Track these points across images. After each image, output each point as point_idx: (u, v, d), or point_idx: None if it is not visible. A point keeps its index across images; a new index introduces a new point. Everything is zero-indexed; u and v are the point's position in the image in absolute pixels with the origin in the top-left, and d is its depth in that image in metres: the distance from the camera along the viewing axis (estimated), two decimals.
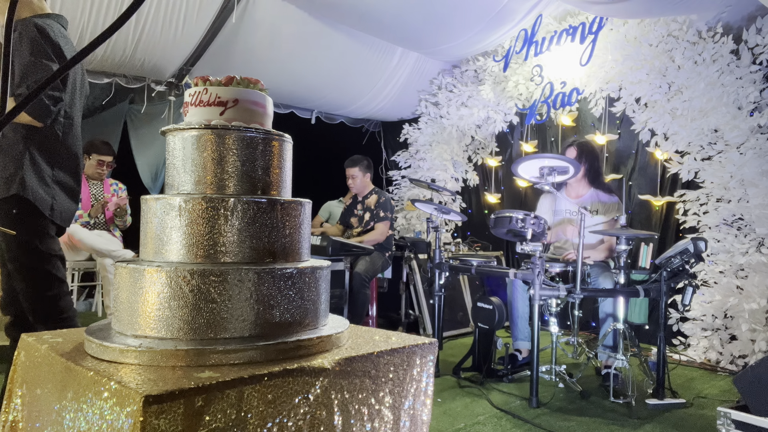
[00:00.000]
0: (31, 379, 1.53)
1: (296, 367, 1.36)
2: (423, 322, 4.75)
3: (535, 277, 3.03)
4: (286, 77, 5.31)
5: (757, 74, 3.89)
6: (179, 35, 4.56)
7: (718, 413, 2.41)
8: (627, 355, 3.10)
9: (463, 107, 5.81)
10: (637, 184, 4.81)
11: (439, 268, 3.65)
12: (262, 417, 1.28)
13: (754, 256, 3.75)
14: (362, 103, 6.21)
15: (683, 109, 4.16)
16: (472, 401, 3.05)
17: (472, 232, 6.02)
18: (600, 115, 4.92)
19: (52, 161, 2.19)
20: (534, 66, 5.26)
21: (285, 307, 1.50)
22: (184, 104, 1.65)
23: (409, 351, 1.64)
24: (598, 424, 2.76)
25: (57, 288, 2.21)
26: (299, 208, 1.63)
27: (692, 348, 4.05)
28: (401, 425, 1.61)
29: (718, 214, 3.98)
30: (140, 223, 1.61)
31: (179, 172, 1.58)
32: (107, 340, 1.41)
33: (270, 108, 1.70)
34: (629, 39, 4.53)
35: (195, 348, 1.35)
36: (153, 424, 1.11)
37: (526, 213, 3.17)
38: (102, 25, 4.02)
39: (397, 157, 6.45)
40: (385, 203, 4.40)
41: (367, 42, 5.37)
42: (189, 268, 1.41)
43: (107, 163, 4.57)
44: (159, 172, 5.52)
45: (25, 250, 2.15)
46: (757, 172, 3.78)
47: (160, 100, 5.24)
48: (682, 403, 3.06)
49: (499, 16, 4.97)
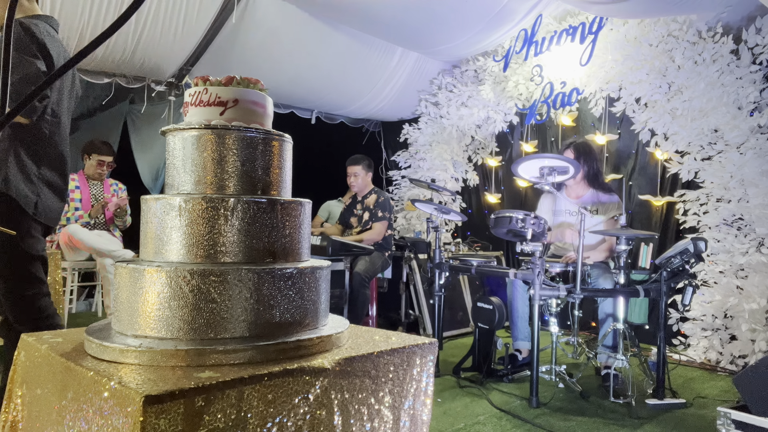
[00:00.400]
0: (31, 379, 1.53)
1: (296, 367, 1.36)
2: (423, 322, 4.75)
3: (535, 277, 3.03)
4: (286, 77, 5.31)
5: (757, 74, 3.89)
6: (179, 35, 4.56)
7: (718, 413, 2.40)
8: (627, 355, 3.10)
9: (463, 107, 5.81)
10: (637, 184, 4.81)
11: (439, 268, 3.65)
12: (262, 417, 1.28)
13: (754, 256, 3.75)
14: (362, 103, 6.21)
15: (683, 109, 4.16)
16: (472, 401, 3.05)
17: (472, 232, 6.02)
18: (600, 115, 4.93)
19: (38, 159, 2.18)
20: (534, 66, 5.26)
21: (285, 307, 1.50)
22: (184, 104, 1.65)
23: (409, 351, 1.64)
24: (598, 424, 2.76)
25: (36, 288, 2.20)
26: (299, 208, 1.63)
27: (692, 348, 4.05)
28: (401, 425, 1.61)
29: (718, 214, 3.98)
30: (140, 223, 1.61)
31: (179, 172, 1.58)
32: (107, 340, 1.41)
33: (270, 108, 1.70)
34: (629, 39, 4.54)
35: (195, 348, 1.35)
36: (153, 424, 1.11)
37: (526, 213, 3.17)
38: (102, 25, 4.02)
39: (397, 157, 6.45)
40: (384, 203, 4.41)
41: (367, 42, 5.37)
42: (189, 268, 1.41)
43: (107, 163, 4.58)
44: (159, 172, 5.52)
45: (6, 248, 2.13)
46: (757, 172, 3.78)
47: (160, 100, 5.24)
48: (682, 403, 3.06)
49: (499, 16, 4.97)
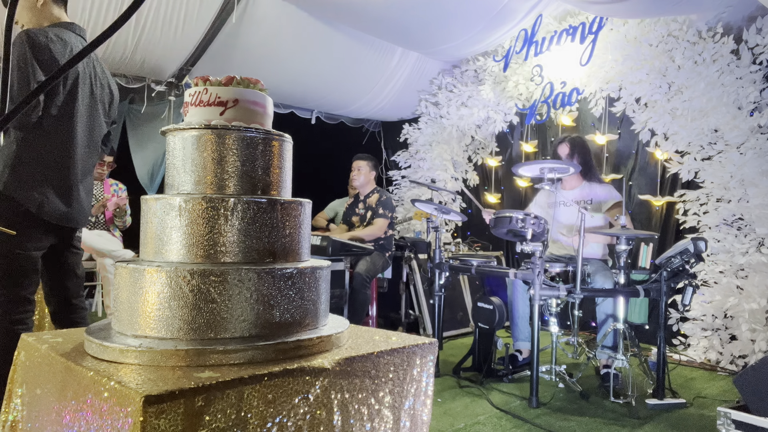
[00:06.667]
0: (31, 379, 1.53)
1: (296, 367, 1.36)
2: (423, 322, 4.75)
3: (535, 277, 3.03)
4: (286, 77, 5.31)
5: (757, 74, 3.89)
6: (179, 35, 4.56)
7: (718, 413, 2.40)
8: (627, 355, 3.10)
9: (463, 107, 5.81)
10: (637, 184, 4.81)
11: (439, 268, 3.65)
12: (262, 417, 1.28)
13: (754, 256, 3.75)
14: (362, 103, 6.21)
15: (683, 109, 4.16)
16: (472, 401, 3.05)
17: (472, 232, 6.02)
18: (600, 115, 4.93)
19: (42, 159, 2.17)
20: (534, 66, 5.26)
21: (285, 307, 1.50)
22: (184, 104, 1.65)
23: (409, 351, 1.64)
24: (598, 424, 2.76)
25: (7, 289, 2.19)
26: (299, 208, 1.63)
27: (692, 348, 4.05)
28: (401, 425, 1.61)
29: (718, 214, 3.98)
30: (140, 223, 1.61)
31: (179, 172, 1.58)
32: (107, 340, 1.41)
33: (270, 108, 1.70)
34: (629, 39, 4.53)
35: (195, 348, 1.35)
36: (153, 424, 1.11)
37: (526, 213, 3.17)
38: (102, 25, 4.02)
39: (397, 157, 6.45)
40: (387, 202, 4.41)
41: (367, 42, 5.37)
42: (189, 268, 1.41)
43: (107, 163, 4.58)
44: (156, 171, 5.51)
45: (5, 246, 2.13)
46: (757, 172, 3.78)
47: (160, 100, 5.24)
48: (682, 403, 3.06)
49: (499, 16, 4.97)
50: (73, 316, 2.41)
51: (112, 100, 2.51)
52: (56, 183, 2.22)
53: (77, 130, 2.27)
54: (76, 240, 2.42)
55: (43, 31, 2.11)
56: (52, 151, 2.20)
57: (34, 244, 2.21)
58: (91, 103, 2.35)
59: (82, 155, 2.32)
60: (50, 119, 2.17)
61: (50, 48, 2.08)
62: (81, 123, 2.29)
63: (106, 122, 2.48)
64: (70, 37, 2.21)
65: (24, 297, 2.20)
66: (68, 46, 2.16)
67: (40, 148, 2.17)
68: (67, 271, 2.41)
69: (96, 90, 2.37)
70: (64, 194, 2.25)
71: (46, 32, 2.11)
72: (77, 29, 2.29)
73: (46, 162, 2.19)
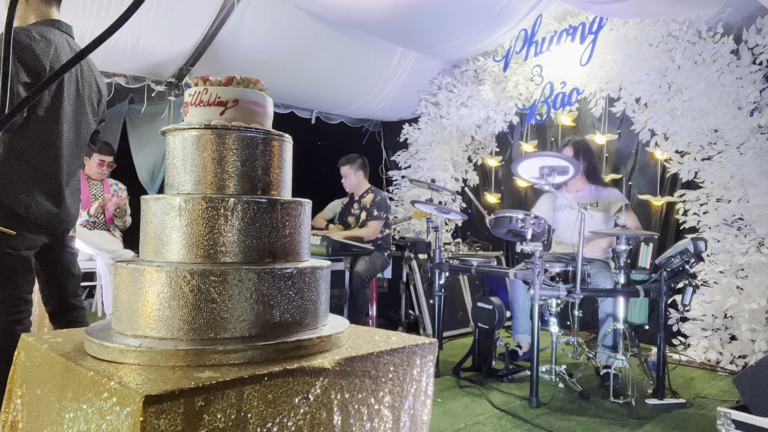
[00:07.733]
0: (31, 379, 1.53)
1: (296, 367, 1.36)
2: (423, 322, 4.75)
3: (535, 277, 3.03)
4: (286, 77, 5.31)
5: (757, 74, 3.89)
6: (179, 35, 4.55)
7: (718, 413, 2.40)
8: (627, 355, 3.10)
9: (463, 107, 5.81)
10: (637, 184, 4.81)
11: (439, 268, 3.65)
12: (262, 417, 1.28)
13: (754, 256, 3.75)
14: (362, 103, 6.21)
15: (683, 109, 4.16)
16: (472, 401, 3.05)
17: (472, 232, 6.02)
18: (600, 115, 4.93)
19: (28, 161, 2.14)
20: (534, 66, 5.26)
21: (285, 307, 1.50)
22: (184, 104, 1.65)
23: (409, 351, 1.64)
24: (598, 424, 2.76)
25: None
26: (299, 208, 1.63)
27: (692, 348, 4.05)
28: (401, 425, 1.61)
29: (718, 214, 3.98)
30: (140, 223, 1.61)
31: (179, 172, 1.58)
32: (107, 340, 1.41)
33: (270, 108, 1.70)
34: (629, 39, 4.53)
35: (195, 348, 1.35)
36: (153, 424, 1.11)
37: (526, 213, 3.17)
38: (102, 25, 4.01)
39: (397, 157, 6.45)
40: (381, 202, 4.40)
41: (367, 42, 5.37)
42: (189, 268, 1.41)
43: (107, 163, 4.58)
44: (156, 171, 5.51)
45: None
46: (757, 172, 3.78)
47: (160, 100, 5.23)
48: (682, 403, 3.06)
49: (499, 16, 4.97)
50: (72, 316, 2.39)
51: (101, 98, 2.46)
52: (44, 185, 2.19)
53: (63, 130, 2.23)
54: (69, 239, 2.40)
55: (26, 29, 2.06)
56: (38, 153, 2.16)
57: (25, 243, 2.18)
58: (78, 102, 2.31)
59: (69, 156, 2.29)
60: (36, 120, 2.13)
61: (33, 47, 2.03)
62: (67, 123, 2.25)
63: (95, 120, 2.44)
64: (55, 35, 2.16)
65: (19, 296, 2.18)
66: (52, 45, 2.11)
67: (27, 150, 2.13)
68: (63, 271, 2.38)
69: (83, 89, 2.33)
70: (52, 195, 2.22)
71: (29, 31, 2.06)
72: (63, 26, 2.24)
73: (33, 164, 2.15)
